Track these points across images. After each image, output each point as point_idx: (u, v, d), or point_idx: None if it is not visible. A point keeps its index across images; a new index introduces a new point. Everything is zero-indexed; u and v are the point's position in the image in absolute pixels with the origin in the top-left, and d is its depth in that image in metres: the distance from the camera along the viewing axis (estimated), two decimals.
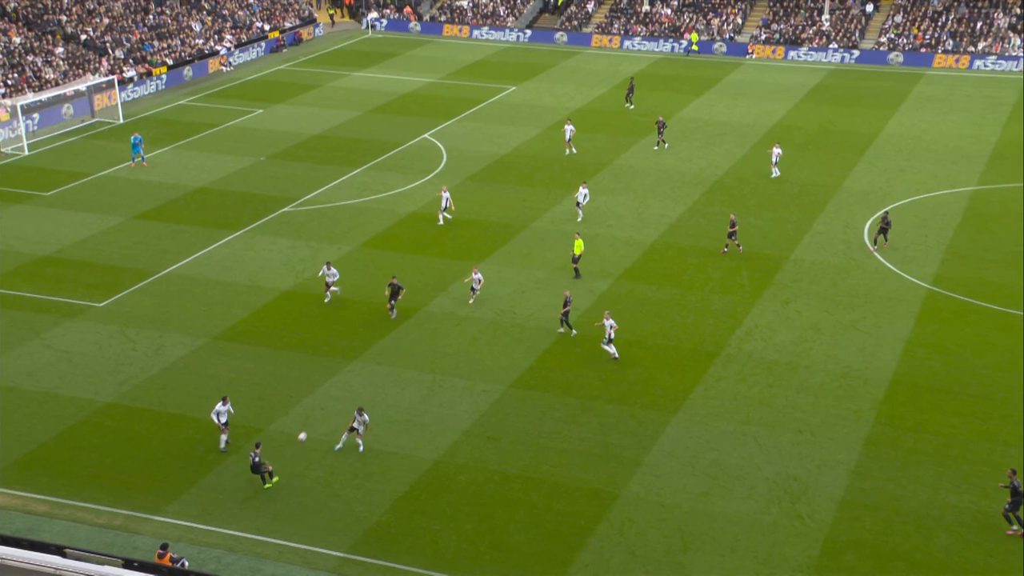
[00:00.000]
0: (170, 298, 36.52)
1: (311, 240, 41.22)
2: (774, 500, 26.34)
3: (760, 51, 70.20)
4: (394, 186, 46.92)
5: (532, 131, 54.81)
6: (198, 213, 44.03)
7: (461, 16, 77.92)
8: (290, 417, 29.71)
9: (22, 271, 38.42)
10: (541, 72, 66.85)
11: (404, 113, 57.89)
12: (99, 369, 31.98)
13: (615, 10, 77.19)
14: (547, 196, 45.99)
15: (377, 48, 72.83)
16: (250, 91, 62.45)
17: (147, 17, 68.40)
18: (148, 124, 55.67)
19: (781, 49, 70.25)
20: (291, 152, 51.54)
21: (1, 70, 57.20)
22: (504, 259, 39.65)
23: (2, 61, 57.90)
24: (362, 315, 35.48)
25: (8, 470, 27.29)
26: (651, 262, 39.65)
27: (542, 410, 30.18)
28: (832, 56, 69.51)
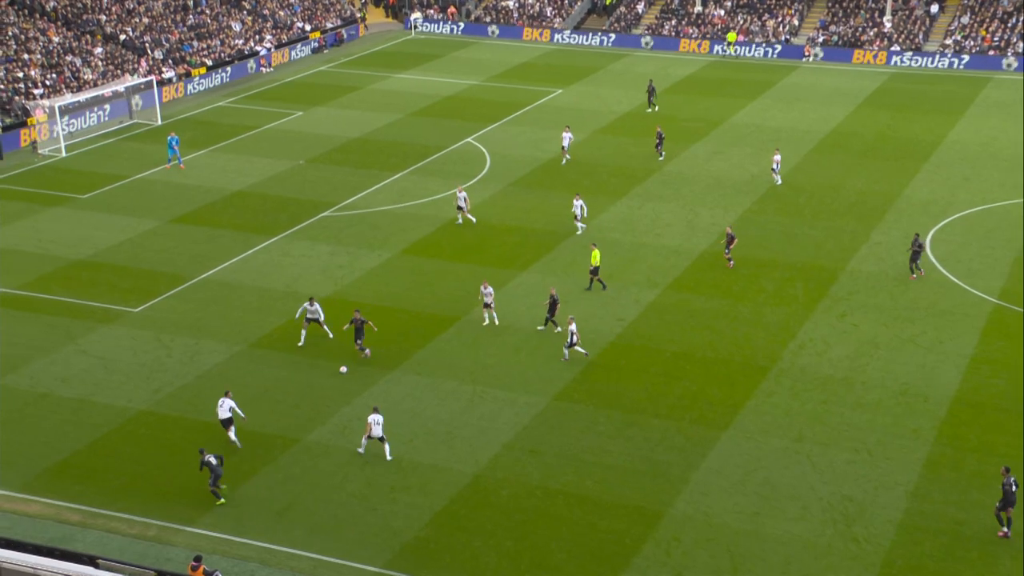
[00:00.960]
0: (206, 304, 36.94)
1: (350, 246, 41.51)
2: (828, 522, 26.05)
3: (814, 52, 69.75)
4: (436, 191, 47.13)
5: (578, 136, 54.78)
6: (235, 217, 44.52)
7: (507, 17, 78.20)
8: (327, 428, 29.91)
9: (58, 275, 39.07)
10: (588, 75, 66.85)
11: (447, 116, 58.17)
12: (133, 376, 32.42)
13: (666, 11, 77.04)
14: (593, 203, 45.91)
15: (419, 49, 73.28)
16: (290, 93, 63.09)
17: (187, 17, 69.38)
18: (186, 126, 56.45)
19: None
20: (330, 156, 51.98)
21: (40, 70, 58.29)
22: (548, 268, 39.64)
23: (41, 61, 59.00)
24: (401, 324, 35.64)
25: (41, 477, 27.74)
26: (701, 272, 39.44)
27: (586, 424, 30.11)
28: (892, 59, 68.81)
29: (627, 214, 44.81)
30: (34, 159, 51.80)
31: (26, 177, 49.36)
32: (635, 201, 46.22)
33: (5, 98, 55.09)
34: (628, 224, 43.73)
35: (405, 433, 29.66)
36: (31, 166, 50.86)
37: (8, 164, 50.99)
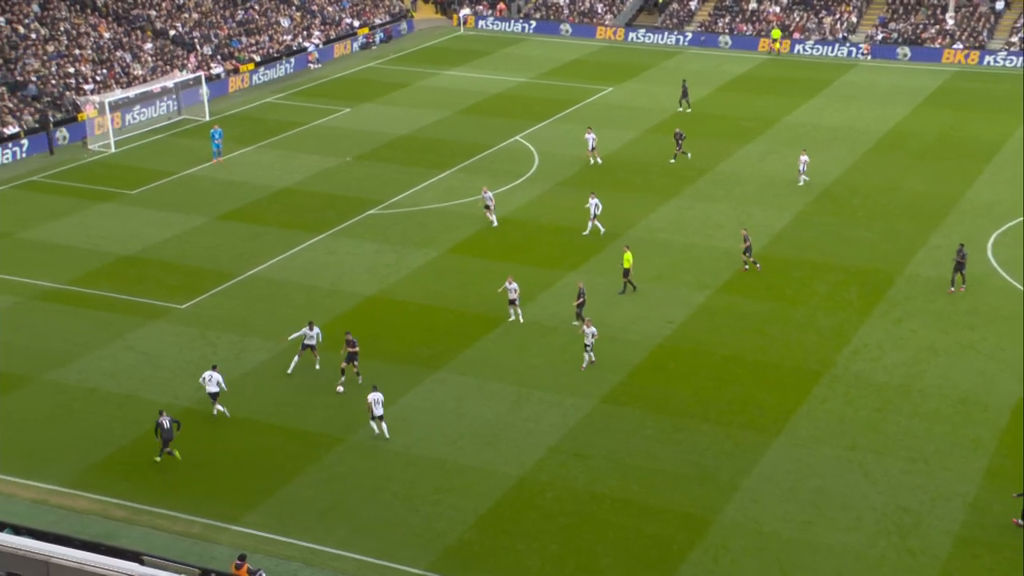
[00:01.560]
0: (252, 301, 37.37)
1: (396, 244, 41.76)
2: (882, 533, 25.76)
3: None
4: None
5: (628, 134, 54.65)
6: (281, 214, 44.98)
7: (557, 13, 78.19)
8: (371, 427, 30.10)
9: (106, 271, 39.72)
10: (640, 72, 66.65)
11: (495, 114, 58.30)
12: (179, 372, 32.88)
13: (719, 8, 76.57)
14: (643, 203, 45.81)
15: (468, 46, 73.50)
16: (337, 89, 63.58)
17: (236, 12, 70.17)
18: (233, 122, 57.11)
19: None
20: (377, 153, 52.32)
21: (91, 66, 59.30)
22: (596, 268, 39.59)
23: (92, 57, 60.02)
24: (447, 323, 35.80)
25: (88, 472, 28.24)
26: (752, 274, 39.17)
27: (633, 428, 30.05)
28: (954, 57, 67.83)
29: (677, 215, 44.62)
30: (84, 154, 52.71)
31: (76, 172, 50.25)
32: (686, 201, 46.02)
33: (56, 93, 56.10)
34: (678, 225, 43.56)
35: (449, 434, 29.80)
36: (81, 161, 51.76)
37: (59, 159, 51.94)
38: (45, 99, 55.52)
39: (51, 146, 52.76)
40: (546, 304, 36.83)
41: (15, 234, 43.03)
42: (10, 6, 61.50)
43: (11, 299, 37.44)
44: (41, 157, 52.16)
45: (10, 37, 58.90)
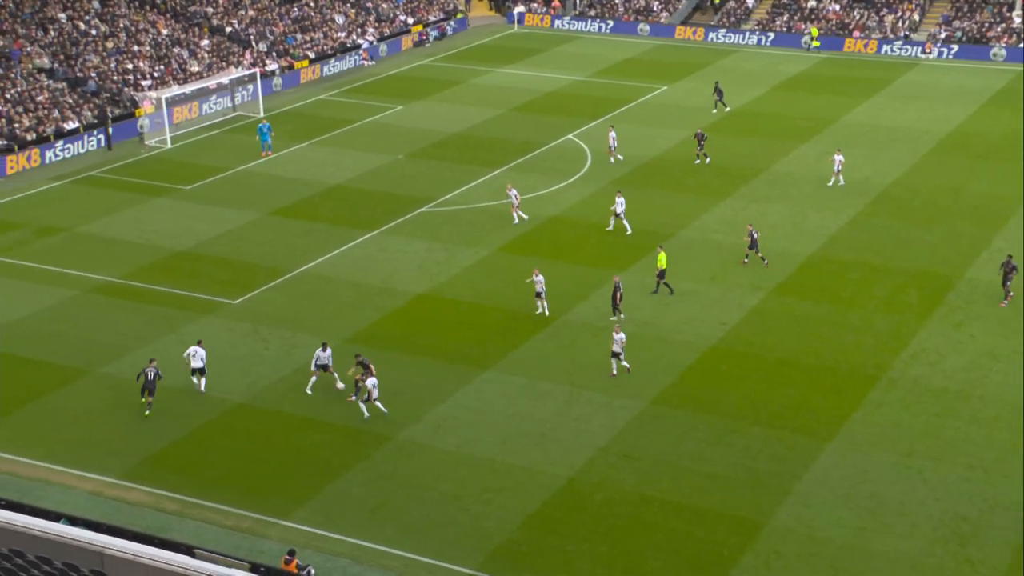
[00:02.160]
0: (303, 297, 37.67)
1: (447, 242, 41.86)
2: (939, 541, 25.35)
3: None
4: (535, 188, 47.23)
5: (682, 134, 54.32)
6: (333, 211, 45.30)
7: (612, 11, 77.93)
8: (421, 425, 30.24)
9: (160, 265, 40.27)
10: (695, 71, 66.20)
11: (547, 112, 58.23)
12: (231, 368, 33.23)
13: (777, 6, 75.81)
14: (696, 203, 45.50)
15: (522, 44, 73.51)
16: (390, 86, 63.91)
17: (291, 9, 70.80)
18: (287, 119, 57.62)
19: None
20: (429, 151, 52.51)
21: (148, 62, 60.16)
22: (648, 269, 39.38)
23: (150, 53, 60.90)
24: (497, 322, 35.82)
25: (142, 465, 28.64)
26: (807, 276, 38.75)
27: (684, 430, 29.86)
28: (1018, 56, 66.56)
29: (731, 215, 44.27)
30: (141, 150, 53.49)
31: (133, 168, 51.00)
32: (740, 202, 45.64)
33: (115, 90, 56.99)
34: (732, 225, 43.20)
35: (499, 434, 29.82)
36: (137, 157, 52.52)
37: (116, 155, 52.75)
38: (104, 95, 56.42)
39: (109, 141, 53.60)
40: (597, 304, 36.71)
41: (73, 228, 43.79)
42: (72, 3, 62.57)
43: (68, 292, 38.10)
44: (99, 152, 53.01)
45: (71, 34, 59.95)
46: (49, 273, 39.59)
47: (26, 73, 55.53)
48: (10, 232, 43.39)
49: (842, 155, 47.03)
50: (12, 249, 41.72)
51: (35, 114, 52.79)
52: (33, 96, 53.94)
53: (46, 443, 29.56)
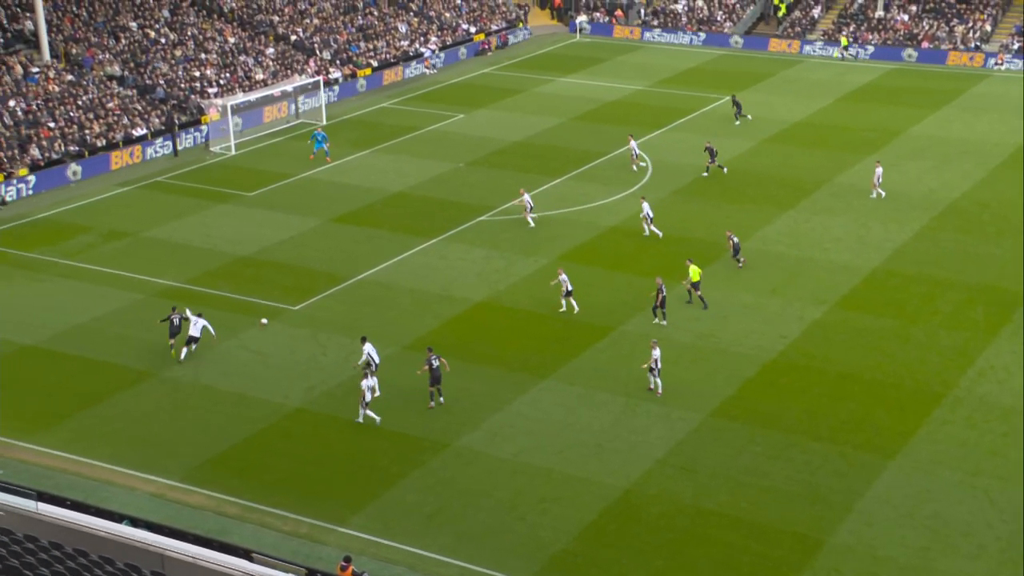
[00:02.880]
0: (362, 304, 37.95)
1: (506, 251, 41.93)
2: (1007, 563, 24.77)
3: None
4: (595, 198, 47.14)
5: (744, 144, 53.87)
6: (394, 218, 45.60)
7: (675, 21, 77.58)
8: (478, 433, 30.28)
9: (223, 271, 40.83)
10: (758, 81, 65.65)
11: (609, 121, 58.13)
12: (290, 373, 33.57)
13: (844, 16, 74.93)
14: (757, 214, 45.09)
15: (584, 53, 73.47)
16: (452, 95, 64.22)
17: (355, 18, 71.49)
18: (350, 126, 58.15)
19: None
20: (490, 159, 52.65)
21: (215, 70, 61.13)
22: (707, 280, 39.08)
23: (216, 61, 61.88)
24: (555, 331, 35.77)
25: (202, 468, 29.03)
26: (871, 290, 38.20)
27: (742, 443, 29.56)
28: None
29: (793, 227, 43.80)
30: (206, 156, 54.32)
31: (198, 174, 51.81)
32: (802, 214, 45.13)
33: (182, 96, 57.97)
34: (794, 237, 42.74)
35: (556, 443, 29.76)
36: (203, 163, 53.35)
37: (183, 161, 53.63)
38: (171, 102, 57.42)
39: (175, 147, 54.52)
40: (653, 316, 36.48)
41: (139, 233, 44.57)
42: (142, 12, 63.84)
43: (133, 296, 38.77)
44: (166, 158, 53.92)
45: (141, 42, 61.14)
46: (115, 277, 40.34)
47: (97, 80, 56.74)
48: (79, 236, 44.30)
49: (881, 167, 46.34)
50: (80, 253, 42.59)
51: (105, 120, 53.87)
52: (104, 103, 55.06)
53: (111, 444, 30.09)
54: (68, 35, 59.16)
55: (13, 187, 48.79)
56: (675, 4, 79.03)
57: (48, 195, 49.10)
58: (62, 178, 50.50)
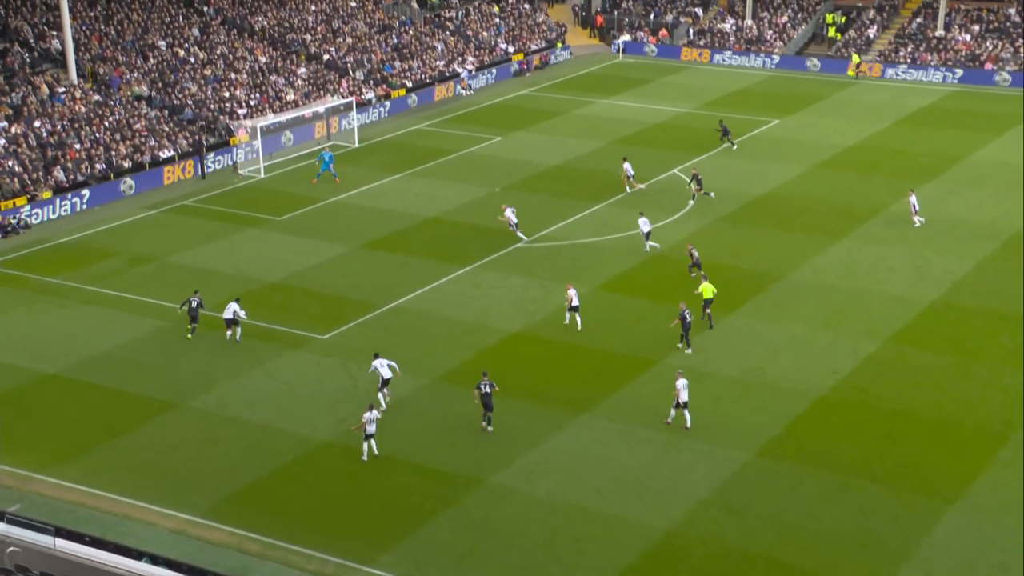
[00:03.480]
0: (393, 333, 38.09)
1: (544, 279, 41.97)
2: None
3: None
4: (636, 225, 47.08)
5: (795, 169, 53.68)
6: (427, 244, 45.81)
7: (723, 40, 77.68)
8: (511, 470, 30.22)
9: (250, 297, 41.13)
10: (810, 104, 65.51)
11: (652, 145, 58.17)
12: (319, 404, 33.72)
13: (901, 36, 74.66)
14: (808, 243, 44.85)
15: (627, 73, 73.68)
16: (489, 116, 64.59)
17: (390, 37, 72.18)
18: (383, 149, 58.59)
19: None
20: (528, 183, 52.83)
21: (245, 90, 61.88)
22: (755, 311, 38.89)
23: (247, 81, 62.65)
24: (594, 364, 35.69)
25: (225, 503, 29.16)
26: (929, 324, 37.81)
27: (792, 484, 29.27)
28: None
29: (846, 257, 43.52)
30: (235, 179, 54.93)
31: (226, 197, 52.38)
32: (856, 243, 44.85)
33: (211, 117, 58.72)
34: (847, 268, 42.46)
35: (593, 482, 29.63)
36: (232, 186, 53.94)
37: (210, 184, 54.24)
38: (200, 123, 58.18)
39: (203, 170, 55.18)
40: (700, 348, 36.35)
41: (165, 258, 45.07)
42: (171, 31, 64.85)
43: (158, 323, 39.17)
44: (193, 181, 54.58)
45: (170, 61, 62.06)
46: (140, 303, 40.79)
47: (125, 101, 57.62)
48: (104, 261, 44.88)
49: (915, 195, 46.21)
50: (105, 278, 43.12)
51: (132, 142, 54.65)
52: (131, 124, 55.88)
53: (132, 478, 30.31)
54: (96, 54, 60.17)
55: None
56: (723, 24, 79.14)
57: (72, 218, 49.79)
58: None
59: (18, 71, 56.79)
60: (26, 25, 60.15)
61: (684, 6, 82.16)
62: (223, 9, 68.92)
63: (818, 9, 79.07)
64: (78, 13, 62.24)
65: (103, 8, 64.24)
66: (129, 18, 64.29)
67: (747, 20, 78.79)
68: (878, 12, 77.31)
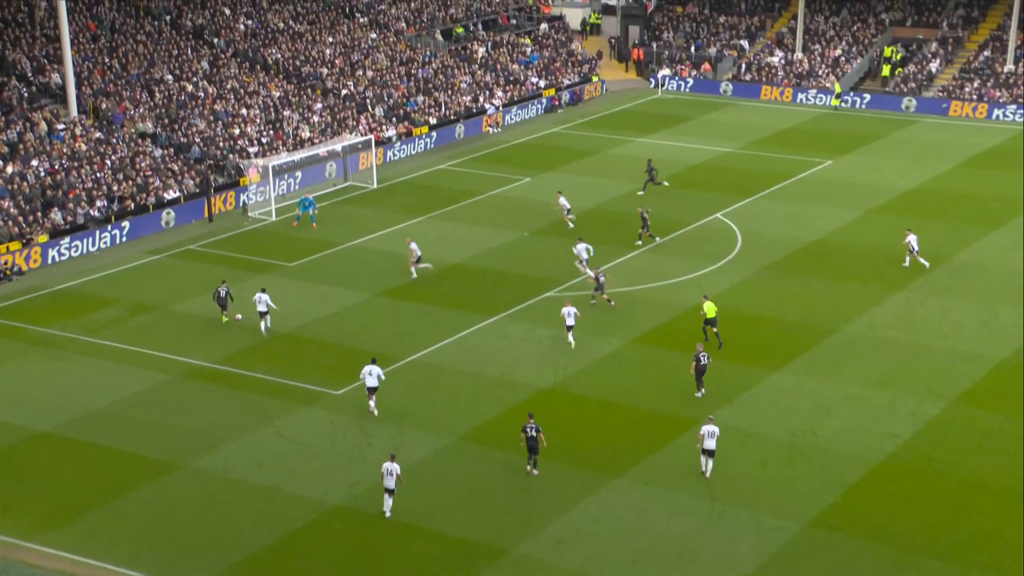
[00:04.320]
0: (413, 388, 38.12)
1: (576, 331, 41.87)
2: None
3: None
4: (676, 273, 47.09)
5: (849, 214, 53.59)
6: (450, 292, 45.95)
7: (771, 75, 77.97)
8: (539, 539, 30.04)
9: (259, 349, 41.35)
10: (865, 143, 65.52)
11: (693, 187, 58.27)
12: (331, 465, 33.71)
13: (967, 70, 74.67)
14: (863, 293, 44.66)
15: (667, 110, 74.03)
16: (518, 156, 64.97)
17: (413, 69, 72.88)
18: (403, 190, 58.96)
19: None
20: (558, 227, 52.97)
21: (257, 126, 62.49)
22: (806, 368, 38.67)
23: (259, 117, 63.32)
24: (630, 423, 35.55)
25: (230, 573, 29.09)
26: (999, 384, 37.46)
27: (847, 558, 28.95)
28: None
29: (906, 309, 43.29)
30: (244, 222, 55.39)
31: (234, 241, 52.80)
32: (917, 294, 44.62)
33: (220, 156, 59.35)
34: (907, 321, 42.21)
35: (629, 552, 29.41)
36: (240, 229, 54.38)
37: (218, 227, 54.71)
38: (207, 162, 58.79)
39: (210, 212, 55.67)
40: (745, 407, 36.16)
41: (168, 306, 45.41)
42: (179, 64, 65.70)
43: (160, 376, 39.39)
44: (200, 224, 55.07)
45: (177, 96, 62.84)
46: (141, 355, 41.05)
47: (128, 138, 58.34)
48: (103, 309, 45.24)
49: (914, 235, 46.80)
50: (104, 328, 43.46)
51: (135, 181, 55.23)
52: (135, 162, 56.52)
53: (129, 545, 30.31)
54: (98, 88, 61.06)
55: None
56: (770, 57, 79.51)
57: (70, 264, 50.26)
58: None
59: (15, 107, 57.69)
60: (24, 58, 61.20)
61: (729, 39, 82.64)
62: (234, 41, 69.92)
63: (875, 42, 79.31)
64: (80, 45, 63.30)
65: (107, 40, 65.30)
66: (134, 50, 65.30)
67: (797, 53, 79.12)
68: (940, 45, 77.44)
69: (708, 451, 32.15)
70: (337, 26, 75.47)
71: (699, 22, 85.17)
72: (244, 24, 71.81)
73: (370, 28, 76.91)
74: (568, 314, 40.23)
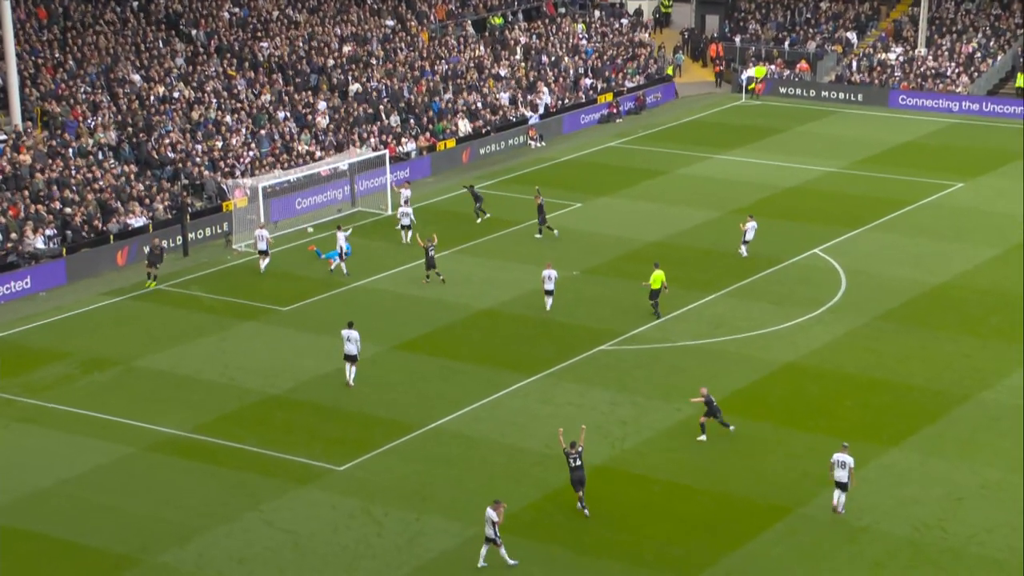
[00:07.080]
0: (435, 464, 38.15)
1: (637, 394, 41.90)
2: None
3: None
4: (764, 323, 47.02)
5: (986, 251, 53.38)
6: (481, 345, 46.04)
7: (886, 76, 78.05)
8: None
9: (245, 414, 41.49)
10: (1007, 162, 65.31)
11: (786, 216, 58.25)
12: (332, 562, 33.71)
13: None
14: (1006, 353, 44.40)
15: (752, 120, 74.16)
16: (565, 176, 65.16)
17: (437, 63, 73.27)
18: (424, 216, 59.11)
19: None
20: (615, 265, 53.03)
21: (243, 137, 62.83)
22: (932, 445, 38.44)
23: (247, 126, 63.69)
24: (706, 512, 35.45)
25: None
26: None
27: None
28: None
29: None
30: (226, 256, 55.75)
31: (215, 280, 53.10)
32: None
33: (196, 175, 59.76)
34: None
35: None
36: (222, 266, 54.74)
37: (194, 262, 55.00)
38: (182, 182, 59.18)
39: (185, 244, 55.99)
40: (854, 495, 35.90)
41: (131, 361, 45.65)
42: (148, 61, 66.15)
43: (122, 449, 39.56)
44: (172, 258, 55.35)
45: (145, 99, 63.25)
46: (96, 422, 41.23)
47: (84, 151, 58.66)
48: (51, 365, 45.53)
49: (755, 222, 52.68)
50: (51, 389, 43.69)
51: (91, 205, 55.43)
52: (91, 181, 56.76)
53: None
54: (48, 90, 61.63)
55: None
56: (886, 53, 79.64)
57: (8, 307, 50.51)
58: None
59: None
60: None
61: (833, 30, 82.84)
62: (217, 32, 70.51)
63: (1019, 34, 79.07)
64: (25, 36, 63.69)
65: (59, 31, 65.85)
66: (93, 43, 65.86)
67: (920, 49, 79.14)
68: None
69: (839, 484, 33.87)
70: (345, 14, 76.10)
71: (794, 10, 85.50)
72: (229, 12, 72.57)
73: (385, 16, 77.50)
74: (548, 277, 46.46)
